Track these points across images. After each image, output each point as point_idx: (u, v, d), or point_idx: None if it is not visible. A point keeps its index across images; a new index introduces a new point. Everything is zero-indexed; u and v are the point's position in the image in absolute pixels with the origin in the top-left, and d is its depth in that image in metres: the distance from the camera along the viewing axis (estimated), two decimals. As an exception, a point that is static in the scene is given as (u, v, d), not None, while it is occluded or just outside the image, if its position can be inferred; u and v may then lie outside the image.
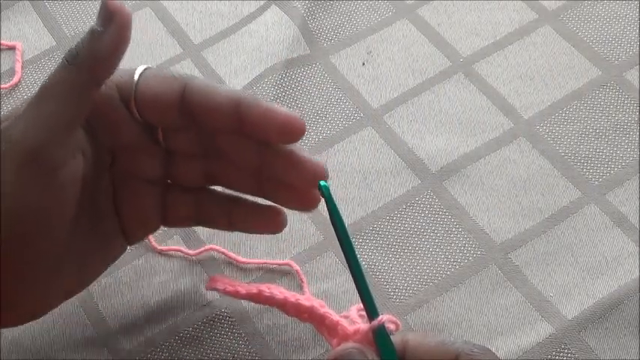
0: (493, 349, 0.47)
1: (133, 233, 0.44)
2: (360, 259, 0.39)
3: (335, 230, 0.38)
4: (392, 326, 0.38)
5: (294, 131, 0.40)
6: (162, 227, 0.46)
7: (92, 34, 0.37)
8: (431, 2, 0.62)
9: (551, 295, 0.49)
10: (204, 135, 0.42)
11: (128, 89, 0.40)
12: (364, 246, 0.51)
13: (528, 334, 0.48)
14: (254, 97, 0.40)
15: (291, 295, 0.43)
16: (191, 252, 0.50)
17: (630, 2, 0.61)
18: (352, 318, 0.42)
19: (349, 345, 0.38)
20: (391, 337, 0.37)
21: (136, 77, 0.40)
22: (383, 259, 0.51)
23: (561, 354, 0.47)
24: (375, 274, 0.50)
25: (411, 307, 0.49)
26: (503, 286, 0.50)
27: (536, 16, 0.61)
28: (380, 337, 0.36)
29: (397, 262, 0.51)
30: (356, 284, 0.37)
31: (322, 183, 0.39)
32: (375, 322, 0.37)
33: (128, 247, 0.45)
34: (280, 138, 0.40)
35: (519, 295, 0.49)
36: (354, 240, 0.51)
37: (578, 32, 0.60)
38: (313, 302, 0.42)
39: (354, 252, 0.38)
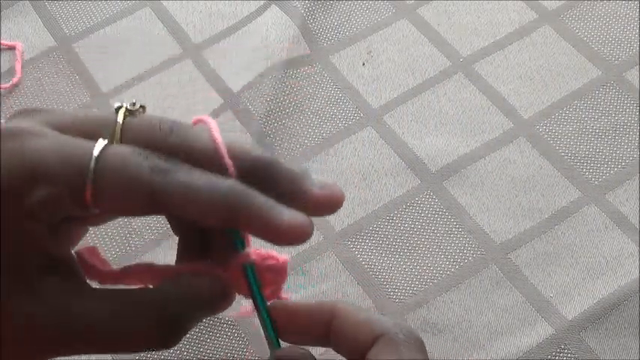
0: (493, 350, 0.47)
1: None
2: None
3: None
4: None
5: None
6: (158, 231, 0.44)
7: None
8: (431, 2, 0.62)
9: (551, 295, 0.49)
10: None
11: (79, 187, 0.31)
12: (364, 246, 0.51)
13: (528, 334, 0.48)
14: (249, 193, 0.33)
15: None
16: None
17: (630, 2, 0.61)
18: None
19: (296, 350, 0.35)
20: (320, 301, 0.36)
21: (90, 176, 0.31)
22: (383, 259, 0.51)
23: (561, 354, 0.47)
24: (375, 274, 0.50)
25: (411, 307, 0.49)
26: (503, 286, 0.50)
27: (536, 16, 0.61)
28: None
29: (397, 262, 0.51)
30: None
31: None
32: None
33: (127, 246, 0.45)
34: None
35: (519, 295, 0.49)
36: (354, 240, 0.52)
37: (578, 32, 0.60)
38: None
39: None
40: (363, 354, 0.33)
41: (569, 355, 0.47)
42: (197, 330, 0.48)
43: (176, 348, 0.48)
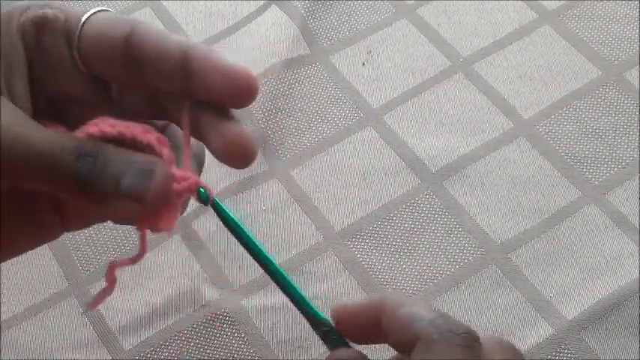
0: (493, 349, 0.47)
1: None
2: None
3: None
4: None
5: (247, 96, 0.34)
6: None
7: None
8: (431, 2, 0.62)
9: (551, 295, 0.49)
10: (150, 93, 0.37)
11: (73, 35, 0.35)
12: (364, 246, 0.51)
13: (528, 334, 0.48)
14: (207, 49, 0.34)
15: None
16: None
17: (630, 2, 0.61)
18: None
19: (345, 352, 0.35)
20: (369, 296, 0.36)
21: (83, 20, 0.35)
22: (383, 259, 0.51)
23: (561, 354, 0.47)
24: (375, 274, 0.50)
25: (411, 307, 0.49)
26: (503, 286, 0.50)
27: (536, 16, 0.61)
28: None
29: (397, 262, 0.51)
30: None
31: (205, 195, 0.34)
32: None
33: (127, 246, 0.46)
34: (231, 102, 0.34)
35: (519, 295, 0.49)
36: (354, 239, 0.52)
37: (578, 32, 0.60)
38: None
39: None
40: (410, 352, 0.33)
41: (569, 355, 0.47)
42: (197, 330, 0.48)
43: (176, 348, 0.48)
